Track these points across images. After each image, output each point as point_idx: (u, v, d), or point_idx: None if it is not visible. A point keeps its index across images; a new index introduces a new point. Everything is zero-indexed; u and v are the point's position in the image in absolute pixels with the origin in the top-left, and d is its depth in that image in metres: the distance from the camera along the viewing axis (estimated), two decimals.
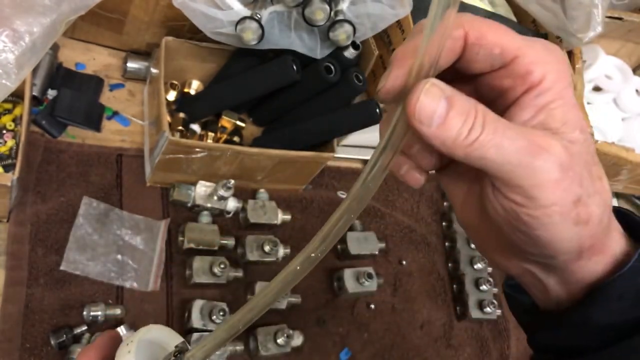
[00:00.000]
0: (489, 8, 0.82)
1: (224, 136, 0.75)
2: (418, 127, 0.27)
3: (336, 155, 0.73)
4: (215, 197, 0.69)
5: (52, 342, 0.58)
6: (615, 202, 1.10)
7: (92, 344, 0.35)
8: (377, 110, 0.69)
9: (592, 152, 0.30)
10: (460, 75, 0.31)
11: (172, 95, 0.74)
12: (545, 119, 0.29)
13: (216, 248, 0.67)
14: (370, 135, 0.85)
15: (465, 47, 0.29)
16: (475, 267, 0.83)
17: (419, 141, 0.30)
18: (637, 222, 0.33)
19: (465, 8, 0.76)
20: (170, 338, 0.35)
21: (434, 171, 0.34)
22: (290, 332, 0.65)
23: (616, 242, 0.31)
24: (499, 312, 0.82)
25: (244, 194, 0.75)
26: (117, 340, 0.35)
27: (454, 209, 0.36)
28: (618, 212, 0.33)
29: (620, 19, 0.95)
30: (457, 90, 0.27)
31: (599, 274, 0.31)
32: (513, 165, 0.27)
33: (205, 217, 0.70)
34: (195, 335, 0.62)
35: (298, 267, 0.28)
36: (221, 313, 0.62)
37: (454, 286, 0.83)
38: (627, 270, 0.30)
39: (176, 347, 0.32)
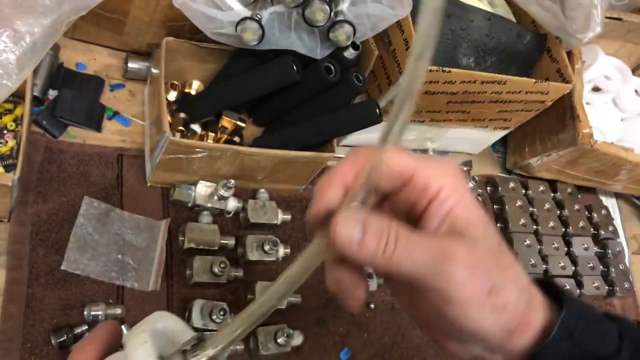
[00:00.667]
0: (488, 8, 0.82)
1: (225, 136, 0.75)
2: (340, 251, 0.32)
3: (336, 155, 0.73)
4: (216, 197, 0.69)
5: (53, 341, 0.58)
6: (614, 202, 1.10)
7: (89, 338, 0.34)
8: (377, 110, 0.69)
9: (497, 244, 0.34)
10: (379, 194, 0.36)
11: (172, 96, 0.75)
12: (451, 224, 0.34)
13: (216, 248, 0.67)
14: (370, 136, 0.85)
15: None
16: None
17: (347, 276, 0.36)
18: (558, 291, 0.37)
19: (464, 9, 0.76)
20: (178, 327, 0.34)
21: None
22: (291, 331, 0.66)
23: (539, 318, 0.35)
24: None
25: (244, 194, 0.75)
26: (118, 333, 0.35)
27: (403, 309, 0.41)
28: (541, 283, 0.37)
29: (619, 19, 0.95)
30: (371, 214, 0.32)
31: (531, 347, 0.35)
32: (426, 274, 0.32)
33: (205, 217, 0.70)
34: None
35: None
36: (221, 313, 0.63)
37: None
38: (551, 341, 0.34)
39: (195, 336, 0.32)
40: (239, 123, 0.76)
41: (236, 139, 0.76)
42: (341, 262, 0.34)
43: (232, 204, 0.71)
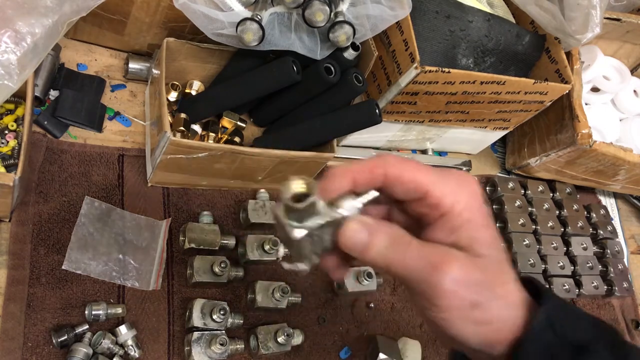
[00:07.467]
0: (487, 9, 0.82)
1: (225, 136, 0.76)
2: (347, 250, 0.37)
3: (336, 155, 0.73)
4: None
5: (54, 340, 0.58)
6: (613, 202, 1.11)
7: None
8: (377, 110, 0.69)
9: (498, 262, 0.37)
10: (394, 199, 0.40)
11: (173, 96, 0.75)
12: (455, 239, 0.37)
13: (217, 248, 0.68)
14: (370, 135, 0.85)
15: (386, 182, 0.38)
16: None
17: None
18: (538, 286, 0.39)
19: (463, 9, 0.77)
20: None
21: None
22: (291, 330, 0.66)
23: (524, 323, 0.37)
24: None
25: (245, 193, 0.76)
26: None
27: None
28: (525, 280, 0.40)
29: (618, 20, 0.95)
30: (381, 222, 0.37)
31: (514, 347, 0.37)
32: (417, 279, 0.36)
33: (206, 217, 0.70)
34: (195, 334, 0.62)
35: None
36: (222, 312, 0.63)
37: None
38: (533, 331, 0.36)
39: None
40: (239, 123, 0.76)
41: (237, 139, 0.76)
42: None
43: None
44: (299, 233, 0.36)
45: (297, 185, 0.35)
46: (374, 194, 0.38)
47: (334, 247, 0.38)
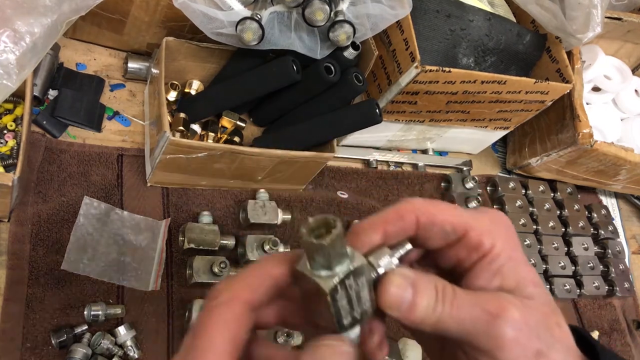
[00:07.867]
0: (488, 8, 0.82)
1: (225, 136, 0.76)
2: (389, 313, 0.31)
3: (336, 155, 0.73)
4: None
5: (53, 341, 0.58)
6: (614, 202, 1.10)
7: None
8: (377, 110, 0.69)
9: (548, 302, 0.33)
10: (423, 249, 0.36)
11: (172, 96, 0.75)
12: (501, 282, 0.33)
13: (216, 248, 0.67)
14: (370, 135, 0.85)
15: (419, 228, 0.34)
16: None
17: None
18: (591, 341, 0.35)
19: (464, 9, 0.76)
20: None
21: None
22: (291, 331, 0.66)
23: None
24: None
25: (244, 193, 0.75)
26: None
27: None
28: (574, 331, 0.35)
29: (619, 19, 0.95)
30: (420, 273, 0.32)
31: None
32: (474, 333, 0.31)
33: (205, 217, 0.70)
34: None
35: None
36: None
37: None
38: None
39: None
40: (239, 123, 0.76)
41: (236, 139, 0.76)
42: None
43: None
44: (329, 282, 0.29)
45: (318, 222, 0.29)
46: (408, 246, 0.34)
47: (374, 310, 0.32)
